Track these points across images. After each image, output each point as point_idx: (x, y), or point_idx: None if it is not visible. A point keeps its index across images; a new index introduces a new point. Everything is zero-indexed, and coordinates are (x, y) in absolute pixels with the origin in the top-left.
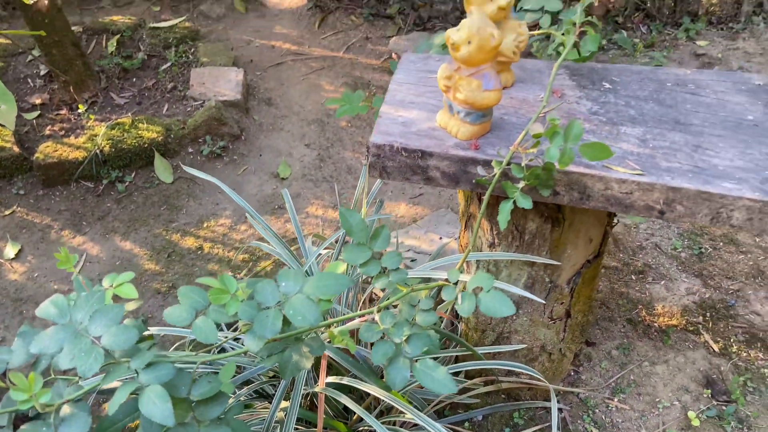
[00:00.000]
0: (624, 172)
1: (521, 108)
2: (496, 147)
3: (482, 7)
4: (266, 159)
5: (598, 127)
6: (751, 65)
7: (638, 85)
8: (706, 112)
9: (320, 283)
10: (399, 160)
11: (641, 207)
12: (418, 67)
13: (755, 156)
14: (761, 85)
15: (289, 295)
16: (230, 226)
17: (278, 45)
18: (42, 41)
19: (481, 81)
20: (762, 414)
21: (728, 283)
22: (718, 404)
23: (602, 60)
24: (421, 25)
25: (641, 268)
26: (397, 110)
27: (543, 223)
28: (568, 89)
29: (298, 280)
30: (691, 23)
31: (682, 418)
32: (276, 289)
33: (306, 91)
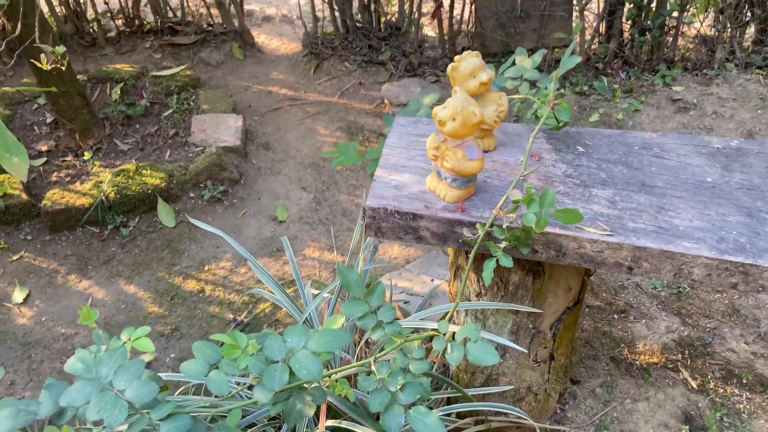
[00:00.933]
0: (595, 233)
1: (503, 171)
2: (480, 209)
3: (465, 83)
4: (264, 202)
5: (572, 190)
6: (725, 110)
7: (608, 149)
8: (669, 174)
9: (323, 340)
10: (393, 222)
11: (611, 264)
12: (409, 131)
13: (712, 216)
14: (720, 148)
15: (295, 350)
16: (230, 269)
17: (275, 90)
18: (49, 92)
19: (466, 151)
20: None
21: (705, 321)
22: None
23: (584, 104)
24: (411, 71)
25: (623, 307)
26: (391, 174)
27: (525, 276)
28: (545, 152)
29: (303, 336)
30: (667, 70)
31: None
32: (283, 345)
33: (302, 135)
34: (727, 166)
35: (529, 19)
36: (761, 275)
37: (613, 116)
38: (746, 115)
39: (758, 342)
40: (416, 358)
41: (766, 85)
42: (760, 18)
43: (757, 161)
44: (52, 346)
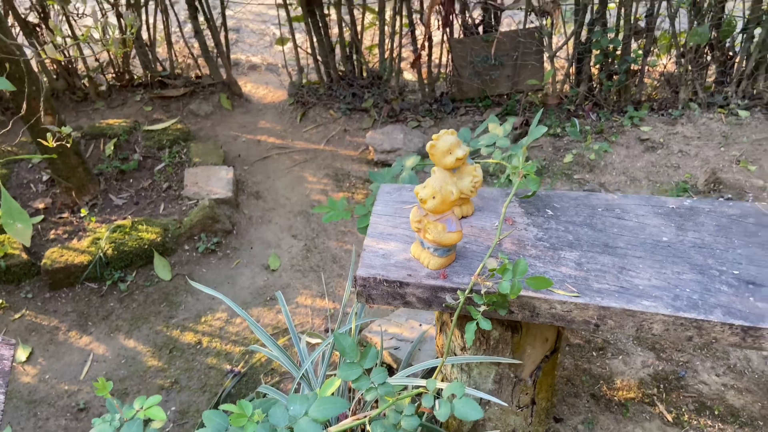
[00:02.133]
0: (564, 295)
1: (480, 236)
2: (460, 275)
3: (443, 159)
4: (257, 251)
5: (543, 253)
6: (690, 148)
7: (575, 211)
8: (630, 234)
9: (322, 407)
10: (381, 289)
11: (580, 322)
12: (394, 198)
13: (668, 275)
14: (674, 208)
15: (297, 417)
16: (226, 319)
17: (263, 139)
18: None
19: (446, 225)
20: None
21: (678, 355)
22: None
23: (558, 145)
24: (394, 116)
25: (601, 344)
26: (378, 243)
27: (504, 331)
28: (518, 216)
29: (304, 404)
30: (634, 111)
31: None
32: (285, 413)
33: (291, 183)
34: (681, 225)
35: (503, 67)
36: (713, 329)
37: (586, 157)
38: (710, 153)
39: (728, 374)
40: (407, 414)
41: (727, 123)
42: (719, 60)
43: (707, 220)
44: (57, 403)
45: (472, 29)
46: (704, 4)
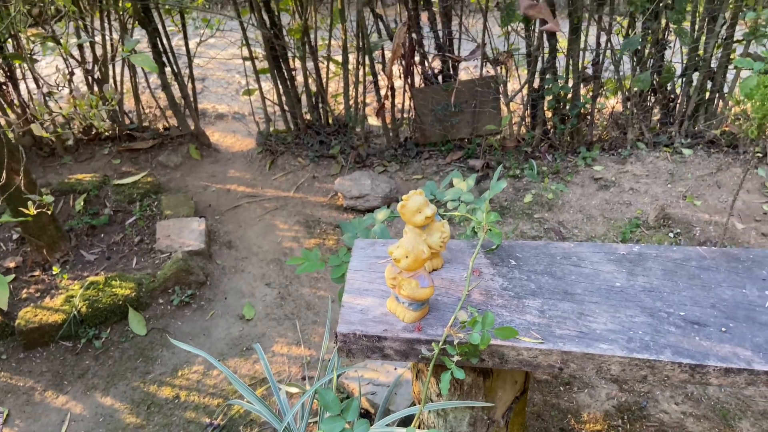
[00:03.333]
0: (529, 342)
1: (450, 288)
2: (434, 327)
3: (413, 218)
4: (231, 301)
5: (508, 302)
6: (640, 186)
7: (536, 260)
8: (586, 281)
9: None
10: (361, 344)
11: (545, 366)
12: (368, 254)
13: (622, 319)
14: (625, 254)
15: None
16: (203, 372)
17: (233, 188)
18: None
19: (418, 281)
20: None
21: (640, 386)
22: None
23: (518, 186)
24: (361, 162)
25: (568, 379)
26: (356, 299)
27: (477, 377)
28: (484, 267)
29: None
30: (587, 151)
31: None
32: None
33: (263, 231)
34: (631, 271)
35: (462, 113)
36: (664, 368)
37: (544, 196)
38: (658, 190)
39: (686, 402)
40: None
41: (673, 161)
42: (661, 103)
43: (655, 264)
44: None
45: (432, 79)
46: (645, 52)
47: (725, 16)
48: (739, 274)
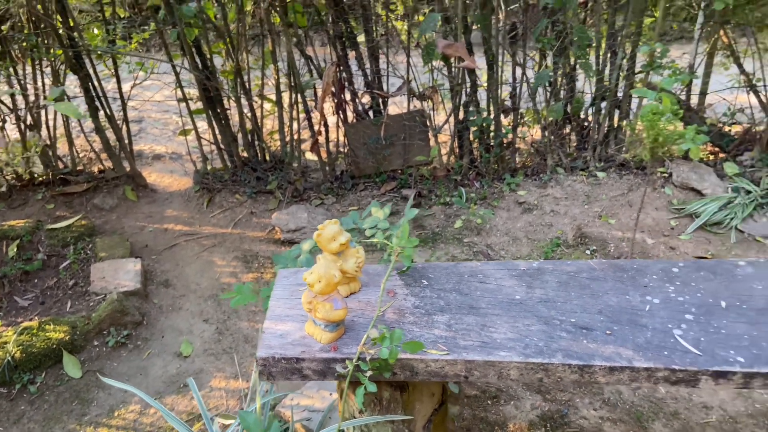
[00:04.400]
0: (436, 354)
1: (366, 309)
2: (349, 346)
3: (329, 245)
4: (168, 340)
5: (419, 318)
6: (560, 208)
7: (446, 279)
8: (490, 296)
9: None
10: (281, 366)
11: (452, 375)
12: (290, 282)
13: (520, 328)
14: (525, 269)
15: None
16: (140, 411)
17: (171, 227)
18: None
19: (332, 304)
20: None
21: (561, 395)
22: None
23: (449, 213)
24: (298, 196)
25: (495, 393)
26: (277, 324)
27: (394, 391)
28: (398, 288)
29: None
30: (511, 177)
31: None
32: None
33: (201, 268)
34: (530, 284)
35: (393, 146)
36: (556, 370)
37: (473, 221)
38: (577, 211)
39: (604, 407)
40: None
41: (589, 184)
42: (576, 130)
43: (551, 278)
44: None
45: (362, 114)
46: (558, 84)
47: (625, 51)
48: (624, 283)
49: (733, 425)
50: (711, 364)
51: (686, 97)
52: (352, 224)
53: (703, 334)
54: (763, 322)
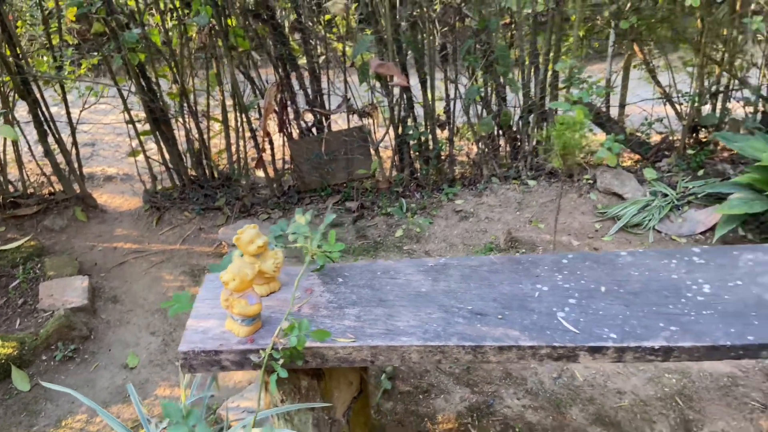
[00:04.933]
0: (344, 342)
1: (284, 306)
2: (265, 338)
3: (248, 248)
4: (115, 353)
5: (332, 312)
6: (494, 215)
7: (360, 277)
8: (399, 290)
9: None
10: (200, 359)
11: (359, 360)
12: (216, 285)
13: (422, 316)
14: (432, 265)
15: None
16: (87, 420)
17: (120, 246)
18: None
19: (247, 300)
20: None
21: (488, 387)
22: None
23: (390, 223)
24: (245, 212)
25: (427, 387)
26: (199, 322)
27: (311, 380)
28: (316, 286)
29: None
30: (449, 188)
31: None
32: None
33: (149, 284)
34: (435, 278)
35: (337, 160)
36: (451, 351)
37: (413, 230)
38: (509, 217)
39: (527, 396)
40: None
41: (521, 192)
42: (508, 142)
43: (455, 272)
44: None
45: (305, 131)
46: (490, 99)
47: (547, 67)
48: (518, 274)
49: (643, 408)
50: (587, 341)
51: (606, 108)
52: (279, 231)
53: (582, 316)
54: (635, 304)
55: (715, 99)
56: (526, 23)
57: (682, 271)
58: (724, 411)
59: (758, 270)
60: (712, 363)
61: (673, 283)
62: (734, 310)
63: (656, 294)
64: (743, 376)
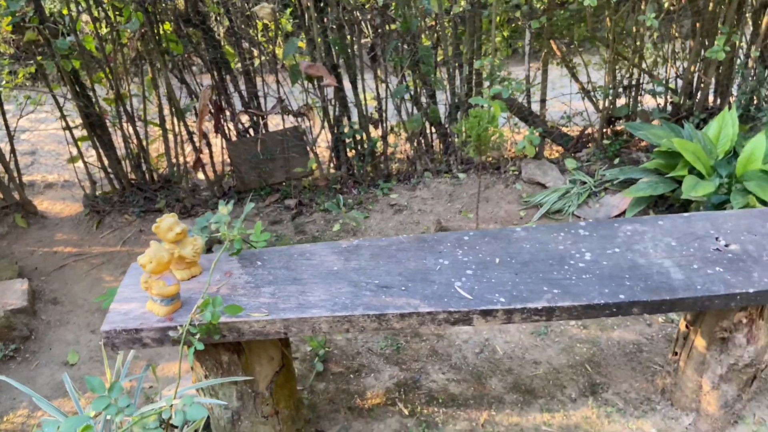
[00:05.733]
0: (258, 316)
1: (204, 288)
2: (183, 316)
3: (167, 235)
4: (56, 351)
5: (249, 291)
6: (427, 207)
7: (278, 260)
8: (313, 270)
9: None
10: (122, 337)
11: (274, 333)
12: (139, 272)
13: (332, 291)
14: (345, 247)
15: None
16: (27, 414)
17: (60, 250)
18: None
19: (165, 281)
20: None
21: (415, 364)
22: None
23: (328, 218)
24: (186, 213)
25: (357, 367)
26: (122, 305)
27: (232, 355)
28: (236, 269)
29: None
30: (384, 183)
31: None
32: None
33: (89, 285)
34: (347, 258)
35: (275, 160)
36: (357, 320)
37: (350, 224)
38: (441, 209)
39: (451, 371)
40: (153, 428)
41: (452, 184)
42: (440, 138)
43: (366, 252)
44: None
45: (242, 132)
46: (419, 97)
47: (470, 66)
48: (423, 251)
49: (556, 375)
50: (479, 305)
51: (528, 103)
52: (205, 222)
53: (477, 284)
54: (524, 272)
55: (629, 92)
56: (448, 24)
57: (568, 242)
58: (629, 374)
59: (635, 239)
60: (621, 332)
61: (559, 253)
62: (610, 273)
63: (543, 263)
64: (647, 343)
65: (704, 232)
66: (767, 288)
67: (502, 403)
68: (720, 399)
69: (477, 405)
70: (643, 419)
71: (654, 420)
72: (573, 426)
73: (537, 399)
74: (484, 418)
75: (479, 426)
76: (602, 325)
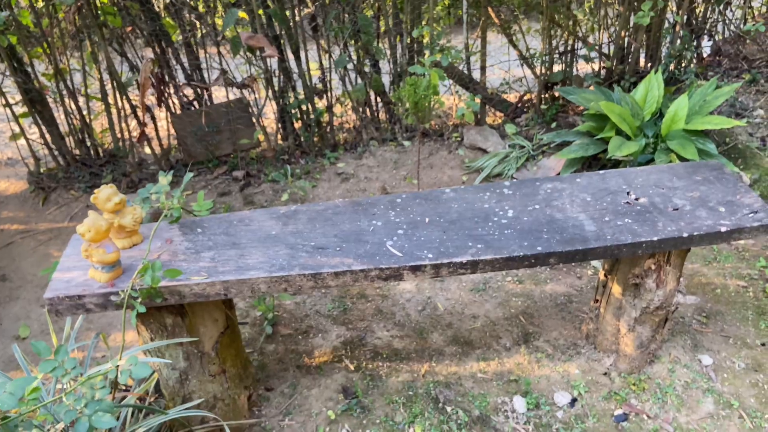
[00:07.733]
0: (198, 279)
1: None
2: (125, 282)
3: (105, 205)
4: (6, 326)
5: (189, 257)
6: (372, 174)
7: (218, 227)
8: (252, 234)
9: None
10: (66, 304)
11: (214, 294)
12: (81, 242)
13: (270, 254)
14: (283, 213)
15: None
16: None
17: (6, 228)
18: None
19: (105, 249)
20: (376, 400)
21: (361, 323)
22: (348, 401)
23: (276, 189)
24: (133, 186)
25: (306, 329)
26: (64, 274)
27: (176, 318)
28: (176, 237)
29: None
30: (331, 152)
31: (326, 417)
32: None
33: (38, 261)
34: (285, 222)
35: (221, 132)
36: (294, 279)
37: (298, 194)
38: (386, 176)
39: (395, 328)
40: (100, 387)
41: (397, 152)
42: (384, 107)
43: (303, 216)
44: None
45: (186, 105)
46: (362, 67)
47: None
48: (358, 214)
49: (492, 327)
50: (408, 261)
51: (468, 71)
52: (147, 193)
53: (407, 242)
54: (451, 230)
55: (564, 58)
56: None
57: (493, 201)
58: (559, 323)
59: (554, 196)
60: (553, 286)
61: (484, 211)
62: (529, 228)
63: (469, 221)
64: (577, 295)
65: (617, 187)
66: (670, 236)
67: (442, 355)
68: (636, 340)
69: (419, 358)
70: (569, 362)
71: (579, 362)
72: (506, 372)
73: (474, 349)
74: (425, 369)
75: (420, 377)
76: (536, 279)
